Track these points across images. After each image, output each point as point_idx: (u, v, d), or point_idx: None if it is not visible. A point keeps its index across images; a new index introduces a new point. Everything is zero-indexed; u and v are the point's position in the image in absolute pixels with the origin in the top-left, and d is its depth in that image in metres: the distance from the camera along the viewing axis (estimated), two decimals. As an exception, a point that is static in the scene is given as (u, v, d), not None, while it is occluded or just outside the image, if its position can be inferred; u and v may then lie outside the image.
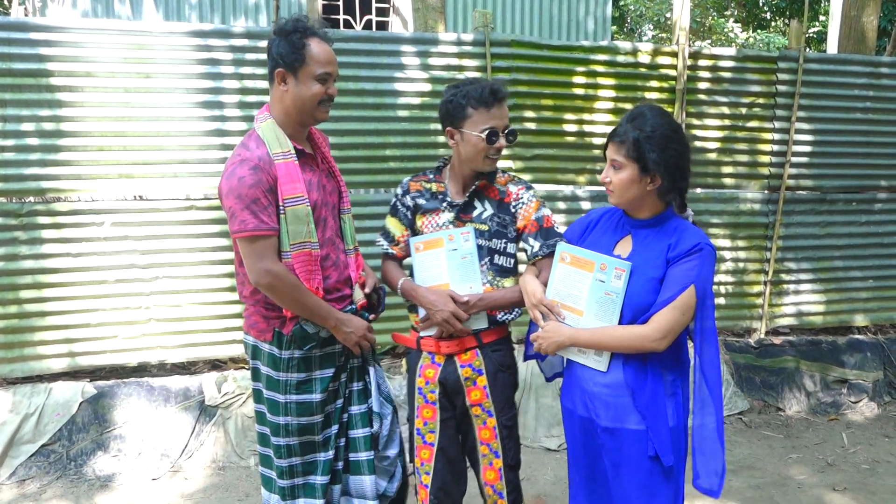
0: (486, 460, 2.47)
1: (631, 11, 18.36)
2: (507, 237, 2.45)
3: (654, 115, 2.09)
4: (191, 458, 3.97)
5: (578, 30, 9.53)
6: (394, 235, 2.57)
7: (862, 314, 5.22)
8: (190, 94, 4.03)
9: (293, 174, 2.23)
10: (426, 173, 2.55)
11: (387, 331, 4.36)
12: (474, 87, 2.36)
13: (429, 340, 2.46)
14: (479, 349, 2.44)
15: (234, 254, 2.40)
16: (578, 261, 2.14)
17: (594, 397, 2.14)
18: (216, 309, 4.17)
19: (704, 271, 2.02)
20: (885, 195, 5.14)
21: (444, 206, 2.45)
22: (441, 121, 2.46)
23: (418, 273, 2.47)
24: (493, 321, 2.45)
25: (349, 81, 4.22)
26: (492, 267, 2.44)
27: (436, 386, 2.45)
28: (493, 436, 2.46)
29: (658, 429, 2.05)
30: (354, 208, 4.21)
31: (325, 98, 2.26)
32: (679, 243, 2.05)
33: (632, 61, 4.66)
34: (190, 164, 4.07)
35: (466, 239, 2.38)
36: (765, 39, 17.69)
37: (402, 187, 2.57)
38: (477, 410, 2.46)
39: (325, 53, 2.24)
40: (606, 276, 2.08)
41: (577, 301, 2.14)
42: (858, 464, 4.08)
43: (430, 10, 5.62)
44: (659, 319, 2.01)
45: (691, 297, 2.01)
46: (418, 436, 2.50)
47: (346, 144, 4.26)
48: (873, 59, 5.17)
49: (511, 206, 2.45)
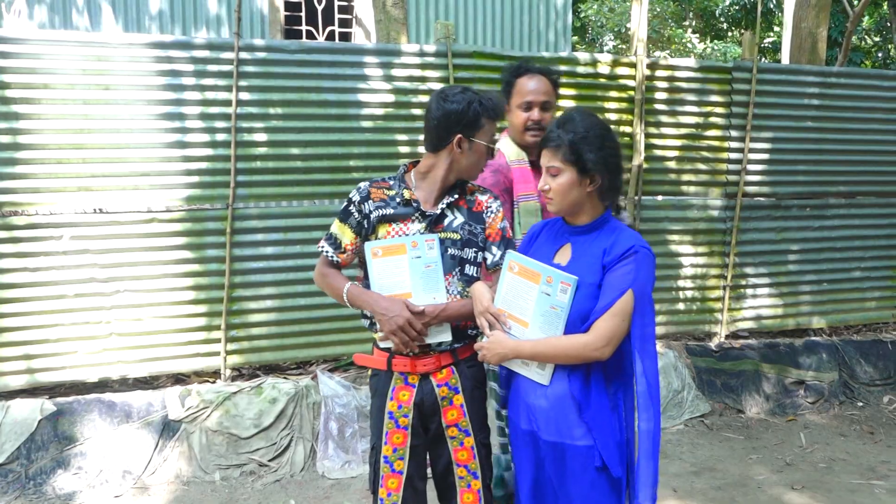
0: (463, 483, 2.36)
1: (592, 22, 18.63)
2: (478, 246, 2.35)
3: (583, 117, 2.11)
4: (154, 474, 3.91)
5: (539, 40, 9.63)
6: (341, 242, 2.36)
7: (817, 317, 5.36)
8: (150, 105, 4.00)
9: (526, 176, 2.75)
10: (385, 180, 2.39)
11: (338, 342, 4.39)
12: (489, 98, 2.30)
13: (403, 360, 2.30)
14: (454, 366, 2.34)
15: (200, 266, 2.38)
16: (526, 271, 2.10)
17: (537, 411, 2.10)
18: (179, 322, 4.13)
19: (642, 275, 2.00)
20: (836, 201, 5.30)
21: (416, 215, 2.31)
22: (445, 125, 2.27)
23: (376, 281, 2.28)
24: (464, 335, 2.35)
25: (311, 92, 4.23)
26: (462, 277, 2.33)
27: (410, 409, 2.31)
28: (470, 456, 2.35)
29: (606, 441, 2.03)
30: (318, 219, 4.27)
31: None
32: (614, 247, 2.03)
33: (591, 72, 4.75)
34: (151, 177, 4.03)
35: (431, 247, 2.26)
36: (722, 49, 18.11)
37: (360, 193, 2.35)
38: (453, 431, 2.34)
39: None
40: (552, 289, 2.04)
41: (523, 312, 2.10)
42: (816, 462, 4.19)
43: (393, 22, 5.65)
44: (600, 327, 1.98)
45: (629, 302, 1.98)
46: (386, 464, 2.32)
47: (310, 155, 4.26)
48: (824, 69, 5.34)
49: (483, 214, 2.38)
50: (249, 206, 4.22)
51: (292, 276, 4.26)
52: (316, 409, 4.17)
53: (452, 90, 2.29)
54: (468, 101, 2.25)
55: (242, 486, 3.89)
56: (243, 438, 4.02)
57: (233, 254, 4.16)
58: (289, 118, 4.22)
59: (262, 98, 4.18)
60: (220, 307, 4.15)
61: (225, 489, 3.86)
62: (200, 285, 4.14)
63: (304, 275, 4.23)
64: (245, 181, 4.18)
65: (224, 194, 4.14)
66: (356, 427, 4.12)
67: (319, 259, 2.41)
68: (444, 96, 2.27)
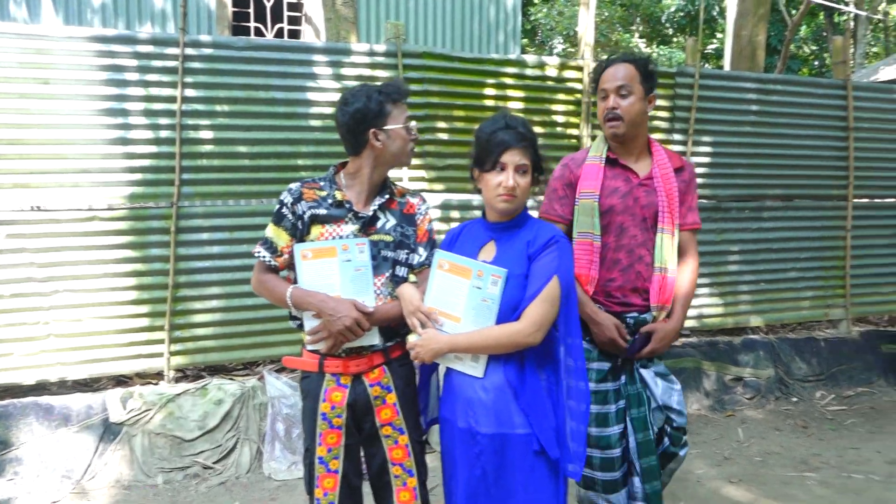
0: (398, 481, 2.37)
1: (542, 25, 18.86)
2: (410, 248, 2.38)
3: (520, 119, 2.21)
4: (94, 478, 3.82)
5: (490, 42, 9.72)
6: (277, 246, 2.33)
7: (755, 315, 5.54)
8: (92, 101, 3.91)
9: (593, 174, 2.66)
10: (316, 181, 2.38)
11: (286, 342, 4.35)
12: (386, 85, 2.33)
13: (335, 361, 2.31)
14: (386, 365, 2.36)
15: (143, 265, 2.34)
16: (456, 268, 2.18)
17: (474, 404, 2.15)
18: (121, 323, 4.04)
19: (564, 262, 2.13)
20: (773, 203, 5.48)
21: (349, 216, 2.32)
22: (355, 127, 2.28)
23: (305, 283, 2.28)
24: (395, 334, 2.38)
25: (260, 90, 4.19)
26: (393, 279, 2.35)
27: (343, 410, 2.31)
28: (405, 454, 2.37)
29: (542, 425, 2.11)
30: (265, 218, 4.19)
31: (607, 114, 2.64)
32: (537, 238, 2.16)
33: (539, 74, 4.82)
34: (92, 174, 3.94)
35: (362, 250, 2.28)
36: (667, 54, 18.54)
37: (291, 194, 2.32)
38: (387, 430, 2.36)
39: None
40: (483, 282, 2.12)
41: (454, 308, 2.17)
42: (752, 456, 4.33)
43: (343, 21, 5.63)
44: (530, 313, 2.08)
45: (556, 287, 2.10)
46: (321, 464, 2.33)
47: (257, 154, 4.22)
48: (762, 76, 5.52)
49: (414, 216, 2.42)
50: (195, 205, 4.15)
51: (239, 276, 4.20)
52: (262, 410, 4.13)
53: (350, 93, 2.32)
54: (366, 95, 2.28)
55: (186, 489, 3.83)
56: (187, 441, 3.95)
57: (177, 253, 4.09)
58: (236, 116, 4.17)
59: (208, 95, 4.12)
60: (163, 307, 4.07)
61: (168, 492, 3.79)
62: (143, 285, 4.05)
63: (249, 274, 4.03)
64: (190, 179, 4.12)
65: (168, 192, 4.07)
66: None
67: (255, 265, 2.38)
68: (344, 101, 2.30)
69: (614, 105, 2.60)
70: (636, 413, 2.67)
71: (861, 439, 4.62)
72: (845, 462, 4.24)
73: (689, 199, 2.76)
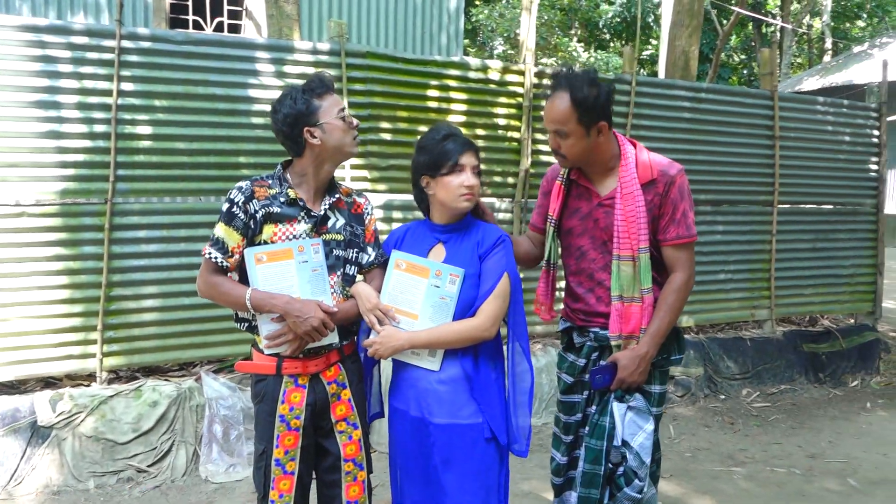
0: (349, 477, 2.40)
1: (483, 26, 19.02)
2: (359, 246, 2.42)
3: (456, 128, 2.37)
4: (21, 483, 3.68)
5: (433, 43, 9.76)
6: (228, 246, 2.27)
7: (686, 315, 5.73)
8: (21, 92, 3.77)
9: (556, 193, 2.64)
10: (264, 178, 2.35)
11: (224, 343, 4.29)
12: (308, 80, 2.33)
13: (294, 362, 2.30)
14: (341, 363, 2.39)
15: (75, 263, 2.28)
16: (414, 267, 2.29)
17: (429, 395, 2.26)
18: (51, 323, 3.90)
19: (511, 259, 2.32)
20: (704, 208, 5.68)
21: (302, 215, 2.31)
22: (290, 130, 2.27)
23: (262, 287, 2.25)
24: (348, 332, 2.43)
25: (199, 86, 4.11)
26: (343, 278, 2.38)
27: (301, 411, 2.32)
28: (358, 449, 2.41)
29: (493, 411, 2.26)
30: (204, 216, 4.15)
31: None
32: (485, 239, 2.31)
33: (482, 77, 4.88)
34: (21, 168, 3.80)
35: (317, 251, 2.29)
36: (604, 59, 18.95)
37: (243, 193, 2.28)
38: (342, 426, 2.39)
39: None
40: (441, 281, 2.25)
41: (411, 305, 2.27)
42: (682, 452, 4.49)
43: (285, 18, 5.58)
44: (486, 310, 2.24)
45: (507, 283, 2.27)
46: (278, 466, 2.32)
47: (196, 150, 4.14)
48: (695, 84, 5.72)
49: (363, 216, 2.46)
50: (130, 202, 4.05)
51: (176, 275, 4.12)
52: (200, 412, 4.06)
53: (276, 100, 2.32)
54: (291, 97, 2.28)
55: (119, 493, 3.73)
56: (120, 444, 3.85)
57: (112, 251, 3.98)
58: (174, 111, 4.09)
59: (145, 89, 4.02)
60: (96, 307, 3.96)
61: (100, 497, 3.69)
62: (76, 283, 3.93)
63: (188, 273, 4.10)
64: (126, 175, 4.01)
65: (102, 188, 3.96)
66: (241, 429, 4.04)
67: (203, 266, 2.30)
68: (274, 110, 2.31)
69: (554, 146, 2.48)
70: (593, 443, 2.51)
71: (784, 434, 4.84)
72: (769, 456, 4.44)
73: (670, 211, 2.47)
